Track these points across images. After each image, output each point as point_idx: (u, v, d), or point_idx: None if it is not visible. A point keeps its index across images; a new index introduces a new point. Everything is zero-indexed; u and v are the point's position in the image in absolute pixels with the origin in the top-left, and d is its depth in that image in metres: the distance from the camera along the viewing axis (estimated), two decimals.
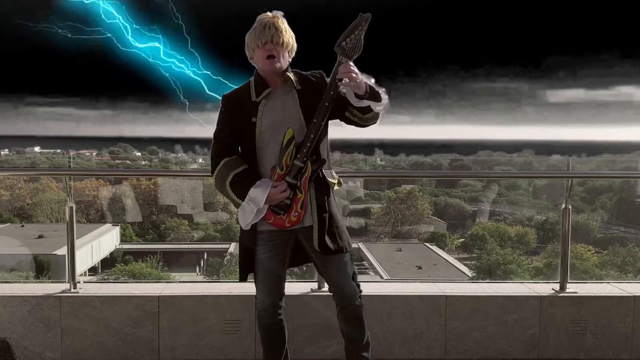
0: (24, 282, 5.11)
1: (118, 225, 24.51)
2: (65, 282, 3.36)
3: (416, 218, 27.58)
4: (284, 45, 2.38)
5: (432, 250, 24.38)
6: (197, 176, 20.65)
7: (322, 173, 2.45)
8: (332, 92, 2.32)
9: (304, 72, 2.50)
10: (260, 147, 2.43)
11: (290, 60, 2.45)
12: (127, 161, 34.05)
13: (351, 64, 2.29)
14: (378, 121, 2.50)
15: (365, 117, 2.45)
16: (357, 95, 2.34)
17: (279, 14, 2.41)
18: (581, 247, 21.01)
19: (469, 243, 25.32)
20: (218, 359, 3.17)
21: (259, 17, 2.41)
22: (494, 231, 25.24)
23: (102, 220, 24.87)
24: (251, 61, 2.47)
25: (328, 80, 2.39)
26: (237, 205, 2.44)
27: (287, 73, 2.44)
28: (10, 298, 3.17)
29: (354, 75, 2.29)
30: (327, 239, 2.45)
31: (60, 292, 3.24)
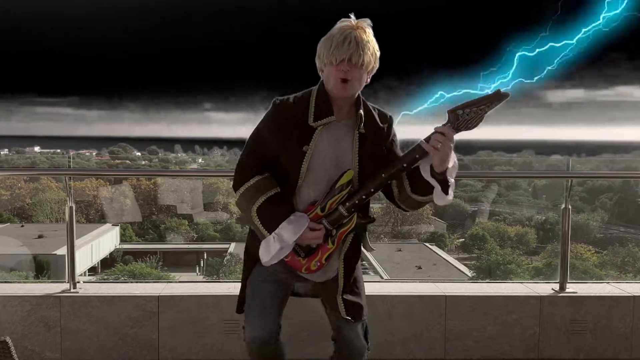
0: (24, 282, 5.11)
1: (118, 225, 24.53)
2: (65, 282, 3.35)
3: (416, 218, 27.61)
4: (364, 67, 1.95)
5: (431, 250, 24.40)
6: (197, 176, 20.82)
7: (364, 237, 2.15)
8: (417, 156, 1.95)
9: (373, 106, 2.11)
10: (302, 181, 2.04)
11: (368, 80, 2.04)
12: (127, 161, 34.13)
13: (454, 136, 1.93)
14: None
15: (411, 197, 2.07)
16: (432, 172, 1.97)
17: (366, 22, 1.96)
18: (581, 247, 21.05)
19: (469, 243, 25.36)
20: (218, 359, 3.17)
21: (339, 23, 1.96)
22: (493, 231, 25.28)
23: (102, 220, 24.90)
24: (320, 73, 2.04)
25: (394, 127, 2.11)
26: (262, 237, 2.07)
27: (360, 111, 2.03)
28: (10, 298, 3.17)
29: (446, 143, 1.90)
30: (352, 306, 2.16)
31: (60, 292, 3.24)
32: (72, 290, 3.28)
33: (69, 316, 3.17)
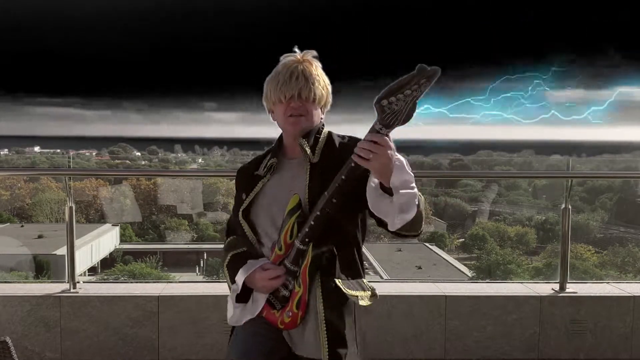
0: (24, 282, 5.11)
1: (118, 225, 24.51)
2: (64, 282, 3.36)
3: None
4: (316, 101, 1.81)
5: (431, 250, 24.38)
6: (197, 176, 20.81)
7: (338, 280, 1.76)
8: (352, 164, 1.63)
9: (339, 135, 1.88)
10: (259, 234, 1.87)
11: (323, 116, 1.88)
12: (127, 161, 34.13)
13: (387, 138, 1.57)
14: (418, 231, 1.76)
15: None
16: (382, 187, 1.66)
17: (311, 54, 1.83)
18: (581, 247, 21.02)
19: (469, 243, 25.33)
20: (218, 359, 3.17)
21: (283, 59, 1.83)
22: (493, 231, 25.25)
23: (101, 220, 24.88)
24: (270, 116, 1.90)
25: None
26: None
27: (300, 139, 1.81)
28: (10, 298, 3.17)
29: (379, 151, 1.56)
30: None
31: (60, 292, 3.24)
32: (72, 290, 3.28)
33: (69, 316, 3.17)
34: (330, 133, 1.89)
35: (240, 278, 1.80)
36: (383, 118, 1.54)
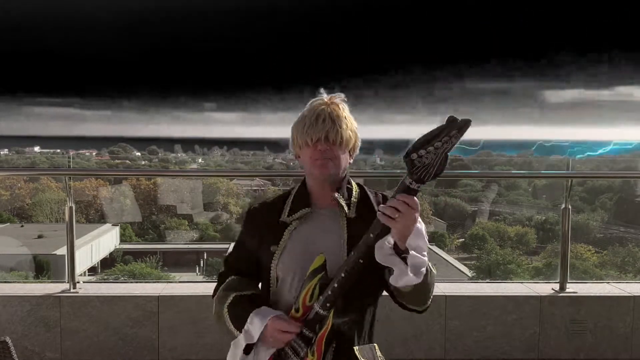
0: (24, 282, 5.11)
1: (118, 225, 24.52)
2: (65, 282, 3.36)
3: None
4: (344, 144, 1.73)
5: (431, 250, 24.33)
6: (197, 176, 20.82)
7: (357, 348, 1.70)
8: (382, 223, 1.54)
9: (371, 190, 1.81)
10: (280, 288, 1.74)
11: (351, 160, 1.80)
12: (127, 161, 34.13)
13: (416, 200, 1.52)
14: (424, 307, 1.79)
15: (400, 289, 1.65)
16: (395, 248, 1.58)
17: (339, 97, 1.76)
18: (581, 247, 21.03)
19: (469, 243, 25.34)
20: (218, 359, 3.17)
21: (311, 102, 1.76)
22: (493, 231, 25.26)
23: (101, 220, 24.89)
24: (297, 161, 1.82)
25: None
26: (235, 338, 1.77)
27: (335, 194, 1.73)
28: (10, 298, 3.17)
29: (407, 212, 1.50)
30: None
31: (60, 292, 3.24)
32: (72, 290, 3.29)
33: (69, 316, 3.17)
34: (362, 187, 1.82)
35: (258, 325, 1.67)
36: (414, 172, 1.48)
